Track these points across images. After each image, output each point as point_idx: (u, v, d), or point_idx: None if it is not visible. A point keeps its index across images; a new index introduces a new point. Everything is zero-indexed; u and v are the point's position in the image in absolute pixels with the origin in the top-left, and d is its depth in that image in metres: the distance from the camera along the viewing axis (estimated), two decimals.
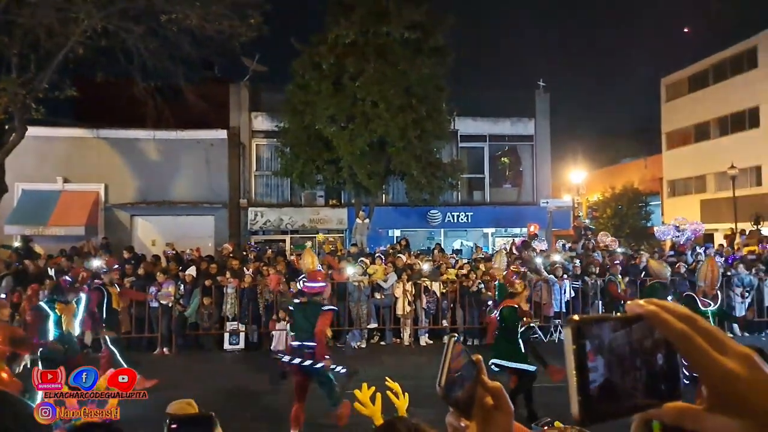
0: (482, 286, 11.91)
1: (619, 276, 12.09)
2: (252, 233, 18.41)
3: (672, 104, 30.16)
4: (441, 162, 16.95)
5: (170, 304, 10.82)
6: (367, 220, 15.84)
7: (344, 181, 16.52)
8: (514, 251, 14.87)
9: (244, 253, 13.91)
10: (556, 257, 13.50)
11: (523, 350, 6.75)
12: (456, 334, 0.90)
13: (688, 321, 0.59)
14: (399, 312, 11.80)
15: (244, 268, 11.87)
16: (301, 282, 7.03)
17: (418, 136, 15.74)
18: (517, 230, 19.49)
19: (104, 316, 8.16)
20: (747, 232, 19.00)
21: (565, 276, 12.59)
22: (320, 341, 6.08)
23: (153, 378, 8.14)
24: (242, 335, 11.25)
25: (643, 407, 0.61)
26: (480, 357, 0.86)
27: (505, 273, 9.90)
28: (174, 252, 13.48)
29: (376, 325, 11.72)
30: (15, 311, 10.50)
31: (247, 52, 17.52)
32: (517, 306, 6.89)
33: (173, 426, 1.80)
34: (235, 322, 11.23)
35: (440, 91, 16.66)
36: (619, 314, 0.64)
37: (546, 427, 1.20)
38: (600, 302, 12.52)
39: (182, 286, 11.10)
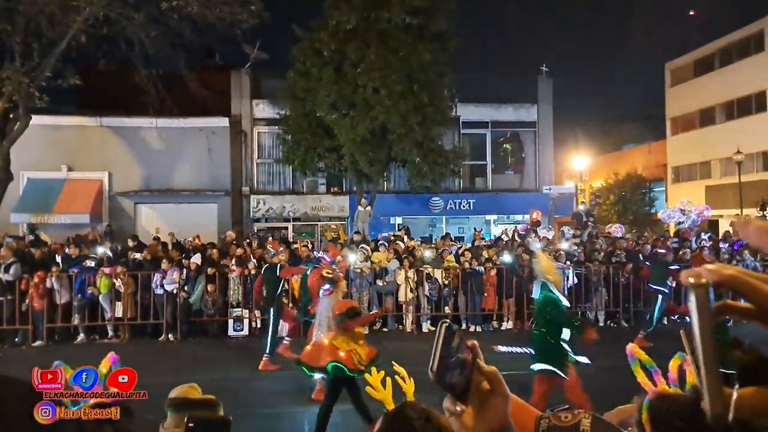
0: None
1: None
2: (254, 221, 18.50)
3: (676, 89, 29.92)
4: (442, 149, 16.92)
5: (175, 291, 10.95)
6: (369, 208, 15.89)
7: (346, 168, 16.54)
8: (517, 238, 14.90)
9: (247, 240, 14.01)
10: (563, 245, 13.50)
11: None
12: (448, 321, 0.91)
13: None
14: (401, 299, 11.89)
15: (250, 256, 11.96)
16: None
17: (419, 123, 15.69)
18: (519, 217, 19.50)
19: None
20: (753, 218, 18.94)
21: (568, 262, 12.62)
22: None
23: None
24: (246, 322, 11.39)
25: None
26: (476, 342, 0.86)
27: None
28: (175, 241, 13.60)
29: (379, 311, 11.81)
30: (23, 298, 10.67)
31: (248, 39, 17.48)
32: None
33: (190, 425, 1.83)
34: (239, 309, 11.35)
35: (442, 77, 16.57)
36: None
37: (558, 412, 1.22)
38: (604, 290, 12.56)
39: (186, 273, 11.21)
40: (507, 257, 12.43)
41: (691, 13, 36.68)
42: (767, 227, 0.58)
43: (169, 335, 11.02)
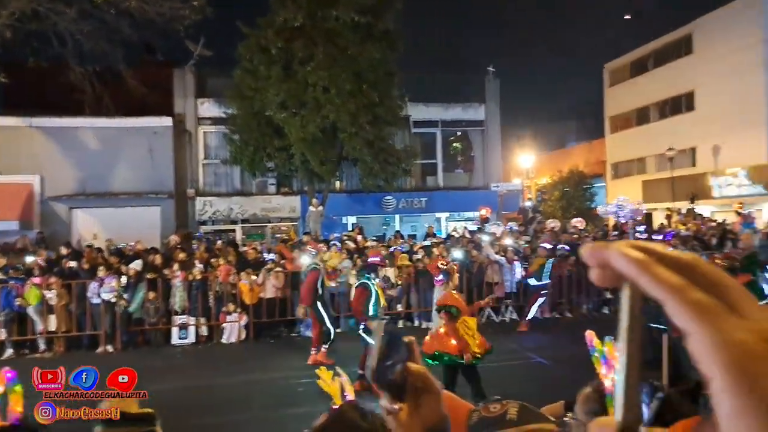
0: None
1: None
2: (201, 224, 17.90)
3: (614, 89, 31.24)
4: (394, 148, 16.95)
5: (113, 300, 10.38)
6: (320, 208, 15.71)
7: (296, 168, 16.30)
8: (467, 234, 15.12)
9: (193, 244, 13.53)
10: (508, 240, 13.79)
11: None
12: (387, 318, 0.88)
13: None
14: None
15: (195, 261, 11.54)
16: None
17: (370, 122, 15.66)
18: (470, 214, 19.81)
19: (321, 292, 9.10)
20: (684, 211, 20.06)
21: (516, 257, 12.91)
22: None
23: None
24: (192, 329, 10.96)
25: None
26: (413, 338, 0.89)
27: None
28: (114, 247, 12.93)
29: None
30: None
31: (191, 35, 16.92)
32: None
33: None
34: (184, 316, 10.92)
35: (391, 76, 16.59)
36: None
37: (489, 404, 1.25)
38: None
39: (125, 280, 10.67)
40: (457, 254, 12.56)
41: (627, 16, 38.47)
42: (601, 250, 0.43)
43: (108, 346, 10.45)
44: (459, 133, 21.39)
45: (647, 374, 2.11)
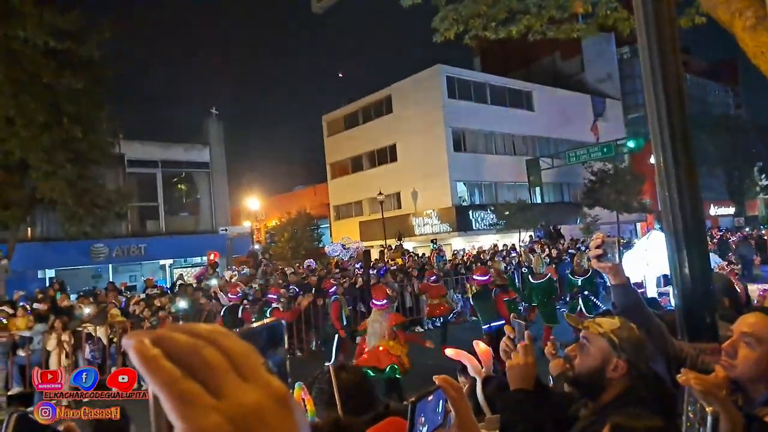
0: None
1: None
2: None
3: (333, 139, 34.64)
4: (103, 189, 15.09)
5: None
6: (4, 261, 12.86)
7: None
8: (193, 281, 14.39)
9: None
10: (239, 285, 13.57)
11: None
12: (21, 410, 0.90)
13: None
14: (52, 367, 9.81)
15: None
16: None
17: (70, 160, 13.65)
18: (197, 259, 18.91)
19: None
20: (393, 247, 23.22)
21: (246, 301, 12.76)
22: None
23: None
24: None
25: None
26: (72, 425, 0.91)
27: None
28: None
29: (20, 389, 9.46)
30: None
31: None
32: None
33: None
34: None
35: (98, 110, 14.85)
36: None
37: None
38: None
39: None
40: (182, 303, 11.81)
41: (340, 74, 43.46)
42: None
43: None
44: (183, 174, 20.43)
45: None
